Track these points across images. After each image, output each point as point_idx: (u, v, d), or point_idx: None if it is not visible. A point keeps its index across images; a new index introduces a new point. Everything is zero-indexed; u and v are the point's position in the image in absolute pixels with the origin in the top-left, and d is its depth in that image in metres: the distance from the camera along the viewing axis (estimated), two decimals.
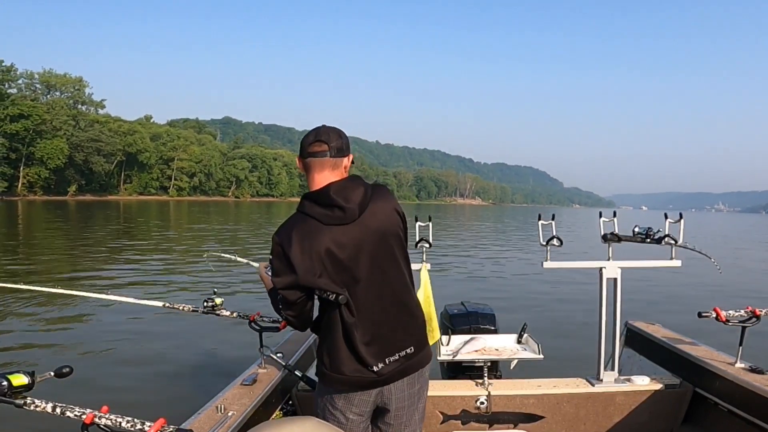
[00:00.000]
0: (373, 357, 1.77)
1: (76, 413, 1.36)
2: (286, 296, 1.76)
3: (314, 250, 1.71)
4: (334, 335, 1.78)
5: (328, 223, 1.73)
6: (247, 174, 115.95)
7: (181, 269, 13.22)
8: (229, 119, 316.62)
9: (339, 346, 1.78)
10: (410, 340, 1.85)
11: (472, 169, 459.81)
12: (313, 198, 1.77)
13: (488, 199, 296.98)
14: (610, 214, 3.06)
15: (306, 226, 1.74)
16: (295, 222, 1.78)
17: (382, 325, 1.80)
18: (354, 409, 1.82)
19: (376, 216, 1.79)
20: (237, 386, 2.51)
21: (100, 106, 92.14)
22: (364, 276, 1.76)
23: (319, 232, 1.73)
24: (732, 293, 11.19)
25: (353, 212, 1.75)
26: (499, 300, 9.09)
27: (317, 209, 1.75)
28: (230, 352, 5.96)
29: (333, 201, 1.74)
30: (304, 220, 1.76)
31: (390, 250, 1.82)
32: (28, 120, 70.27)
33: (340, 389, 1.81)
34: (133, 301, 3.08)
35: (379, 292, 1.79)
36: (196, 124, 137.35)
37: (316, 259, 1.72)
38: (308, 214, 1.76)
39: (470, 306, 3.52)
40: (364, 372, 1.78)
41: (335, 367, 1.79)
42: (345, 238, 1.74)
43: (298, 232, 1.73)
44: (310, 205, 1.77)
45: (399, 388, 1.84)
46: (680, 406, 2.98)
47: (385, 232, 1.81)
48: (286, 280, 1.74)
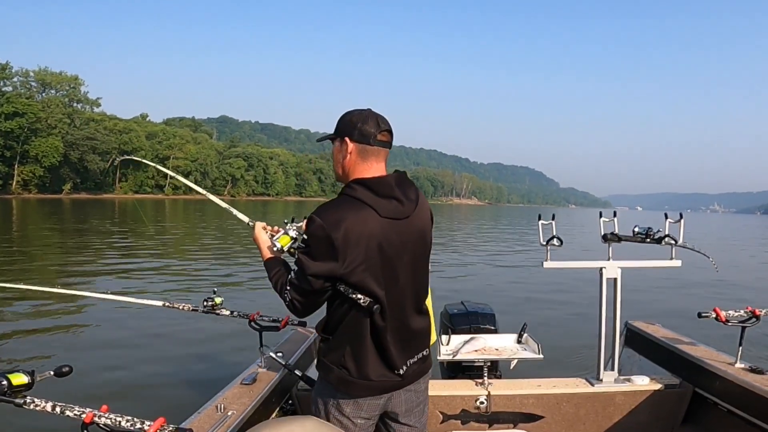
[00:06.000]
0: (399, 360, 1.71)
1: (75, 412, 1.35)
2: (311, 282, 1.60)
3: (366, 241, 1.58)
4: (362, 340, 1.67)
5: (385, 215, 1.62)
6: (243, 173, 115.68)
7: (181, 269, 13.19)
8: (225, 118, 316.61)
9: (367, 351, 1.68)
10: (426, 342, 1.84)
11: (469, 168, 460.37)
12: (370, 185, 1.63)
13: (484, 199, 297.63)
14: (610, 214, 3.06)
15: (360, 214, 1.59)
16: (346, 206, 1.61)
17: (407, 327, 1.74)
18: (363, 414, 1.73)
19: (420, 216, 1.74)
20: (237, 386, 2.49)
21: (96, 105, 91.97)
22: (402, 276, 1.69)
23: (374, 223, 1.60)
24: (732, 293, 11.22)
25: (410, 208, 1.69)
26: (499, 300, 9.11)
27: (375, 198, 1.62)
28: (230, 352, 5.94)
29: (394, 193, 1.65)
30: (358, 207, 1.60)
31: (425, 252, 1.79)
32: (23, 118, 69.86)
33: (360, 395, 1.71)
34: (132, 301, 3.07)
35: (410, 293, 1.74)
36: (192, 122, 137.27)
37: (365, 251, 1.58)
38: (363, 201, 1.61)
39: (470, 306, 3.51)
40: (389, 376, 1.72)
41: (363, 373, 1.68)
42: (394, 234, 1.64)
43: (350, 218, 1.57)
44: (365, 192, 1.62)
45: (408, 389, 1.81)
46: (680, 406, 2.98)
47: (425, 233, 1.77)
48: (324, 267, 1.58)
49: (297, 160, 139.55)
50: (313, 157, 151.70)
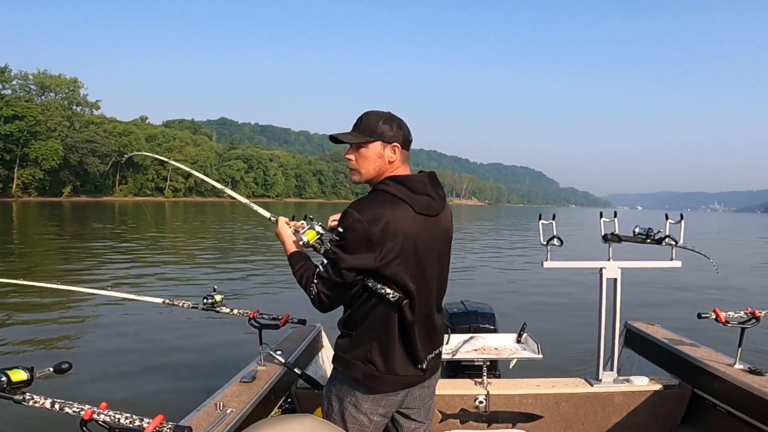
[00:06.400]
0: (422, 355, 1.74)
1: (74, 409, 1.35)
2: (344, 275, 1.61)
3: (402, 236, 1.60)
4: (389, 335, 1.68)
5: (420, 211, 1.65)
6: (243, 175, 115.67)
7: (181, 267, 13.19)
8: (224, 120, 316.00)
9: (395, 345, 1.69)
10: (443, 338, 1.89)
11: (469, 169, 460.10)
12: (405, 182, 1.67)
13: (484, 200, 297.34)
14: (611, 214, 3.06)
15: (398, 209, 1.62)
16: (383, 201, 1.63)
17: (431, 322, 1.77)
18: (380, 411, 1.74)
19: (445, 214, 1.78)
20: (236, 383, 2.50)
21: (95, 107, 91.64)
22: (429, 272, 1.72)
23: (410, 219, 1.63)
24: (732, 294, 11.20)
25: (440, 206, 1.73)
26: (499, 299, 9.10)
27: (411, 195, 1.65)
28: (229, 350, 5.95)
29: (428, 190, 1.69)
30: (395, 202, 1.63)
31: (449, 249, 1.82)
32: (23, 121, 69.74)
33: (386, 390, 1.72)
34: (133, 297, 3.07)
35: (434, 289, 1.77)
36: (192, 124, 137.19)
37: (401, 246, 1.61)
38: (399, 197, 1.64)
39: (470, 305, 3.52)
40: (413, 371, 1.74)
41: (390, 368, 1.69)
42: (426, 230, 1.67)
43: (388, 213, 1.60)
44: (401, 189, 1.65)
45: (423, 385, 1.83)
46: (679, 406, 2.98)
47: (449, 231, 1.81)
48: (360, 260, 1.59)
49: (297, 162, 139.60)
50: (313, 159, 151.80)
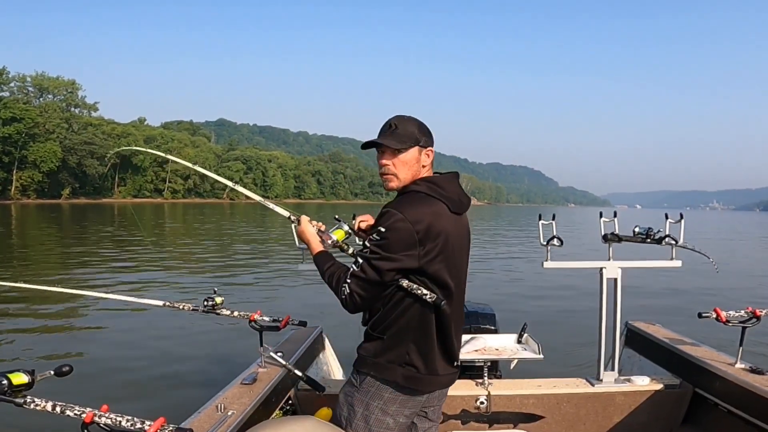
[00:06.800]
0: (457, 353, 1.78)
1: (75, 412, 1.35)
2: (384, 274, 1.59)
3: (442, 235, 1.61)
4: (428, 335, 1.67)
5: (454, 210, 1.67)
6: (242, 176, 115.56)
7: (181, 269, 13.18)
8: (223, 121, 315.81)
9: (434, 346, 1.68)
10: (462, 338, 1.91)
11: (468, 169, 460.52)
12: (438, 182, 1.69)
13: (484, 199, 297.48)
14: (610, 214, 3.05)
15: (436, 208, 1.63)
16: (423, 201, 1.64)
17: (461, 320, 1.81)
18: (406, 412, 1.72)
19: (466, 215, 1.80)
20: (237, 385, 2.49)
21: (94, 109, 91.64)
22: (463, 271, 1.74)
23: (447, 218, 1.65)
24: (732, 294, 11.19)
25: (467, 205, 1.75)
26: (500, 300, 9.08)
27: (445, 194, 1.67)
28: (230, 352, 5.94)
29: (457, 189, 1.71)
30: (433, 203, 1.64)
31: (469, 247, 1.82)
32: (21, 123, 69.74)
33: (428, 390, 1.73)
34: (133, 300, 3.06)
35: (463, 288, 1.79)
36: (190, 126, 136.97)
37: (442, 244, 1.62)
38: (435, 197, 1.65)
39: (470, 305, 3.50)
40: (450, 369, 1.76)
41: (432, 368, 1.69)
42: (456, 228, 1.68)
43: (429, 213, 1.60)
44: (436, 189, 1.66)
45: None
46: (680, 406, 2.98)
47: (469, 231, 1.82)
48: (402, 259, 1.58)
49: (296, 163, 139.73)
50: (312, 159, 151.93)
